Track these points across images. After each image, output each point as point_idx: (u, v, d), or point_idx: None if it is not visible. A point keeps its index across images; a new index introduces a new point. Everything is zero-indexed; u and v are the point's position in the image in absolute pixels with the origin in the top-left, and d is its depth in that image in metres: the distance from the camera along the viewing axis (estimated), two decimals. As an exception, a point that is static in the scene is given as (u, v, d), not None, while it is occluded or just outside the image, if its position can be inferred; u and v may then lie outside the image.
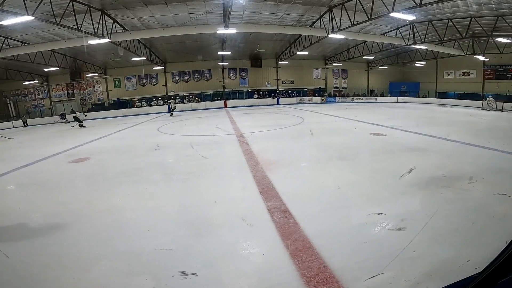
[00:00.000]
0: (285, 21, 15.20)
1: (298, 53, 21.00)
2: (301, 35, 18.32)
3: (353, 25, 12.72)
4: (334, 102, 26.52)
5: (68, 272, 2.27)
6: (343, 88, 29.33)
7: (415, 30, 15.73)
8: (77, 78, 24.07)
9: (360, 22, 12.55)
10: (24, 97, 25.01)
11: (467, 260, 2.08)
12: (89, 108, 24.23)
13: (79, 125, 15.77)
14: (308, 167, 5.27)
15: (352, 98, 27.19)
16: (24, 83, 23.26)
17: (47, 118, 22.02)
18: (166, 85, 25.79)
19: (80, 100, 25.28)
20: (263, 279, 2.08)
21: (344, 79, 29.39)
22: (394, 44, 18.22)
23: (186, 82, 26.26)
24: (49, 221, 3.30)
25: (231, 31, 13.90)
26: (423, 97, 25.46)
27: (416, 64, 25.24)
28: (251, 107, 23.95)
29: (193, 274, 2.14)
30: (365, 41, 20.09)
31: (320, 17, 14.45)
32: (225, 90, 26.71)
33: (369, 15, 11.42)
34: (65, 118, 19.76)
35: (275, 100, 26.37)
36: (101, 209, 3.57)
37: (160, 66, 24.08)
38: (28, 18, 8.88)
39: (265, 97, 26.76)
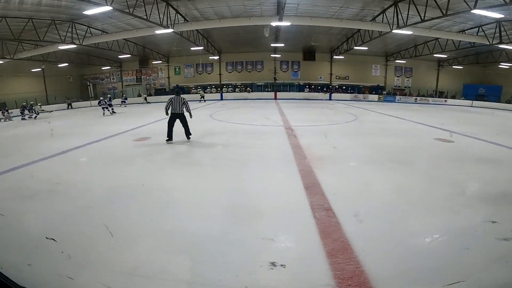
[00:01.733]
0: (343, 15, 14.37)
1: (355, 48, 19.74)
2: (360, 29, 17.10)
3: (423, 21, 11.39)
4: (394, 101, 24.38)
5: (116, 245, 2.41)
6: (405, 87, 26.70)
7: (502, 28, 13.36)
8: (145, 65, 26.74)
9: (433, 18, 11.18)
10: (102, 80, 28.70)
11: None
12: (151, 93, 26.91)
13: (147, 102, 23.32)
14: (358, 167, 4.98)
15: (416, 99, 24.58)
16: (102, 68, 26.69)
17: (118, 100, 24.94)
18: (220, 74, 26.87)
19: (146, 85, 28.00)
20: (294, 274, 2.06)
21: (408, 77, 26.71)
22: (474, 42, 15.81)
23: (239, 72, 26.95)
24: (110, 194, 3.64)
25: (285, 23, 13.72)
26: (506, 102, 21.70)
27: (500, 66, 21.52)
28: (301, 101, 23.49)
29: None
30: (437, 38, 17.76)
31: (383, 12, 13.26)
32: (276, 81, 26.66)
33: (444, 11, 10.07)
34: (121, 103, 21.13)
35: (327, 95, 25.38)
36: (155, 187, 3.86)
37: (216, 56, 25.11)
38: (107, 8, 10.00)
39: (317, 92, 25.93)
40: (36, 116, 15.52)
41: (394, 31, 13.33)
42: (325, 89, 26.14)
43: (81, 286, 1.93)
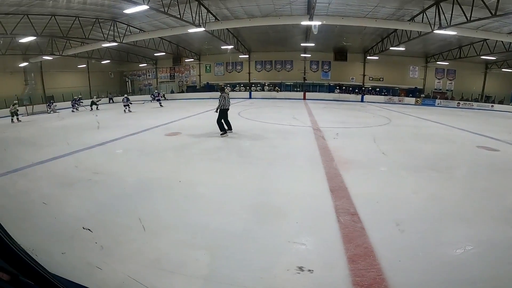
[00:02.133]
0: (378, 14, 13.70)
1: (391, 48, 18.72)
2: (396, 29, 16.20)
3: (469, 21, 10.55)
4: (433, 105, 22.79)
5: (141, 236, 2.51)
6: (447, 90, 24.80)
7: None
8: (178, 63, 27.75)
9: (480, 19, 10.31)
10: (139, 77, 30.38)
11: None
12: (183, 90, 27.93)
13: (164, 99, 23.39)
14: (389, 172, 4.71)
15: (458, 103, 22.71)
16: (139, 65, 28.22)
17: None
18: (249, 73, 27.04)
19: (178, 82, 29.10)
20: (312, 278, 2.01)
21: (451, 80, 24.72)
22: (527, 44, 14.32)
23: (268, 71, 26.92)
24: (140, 185, 3.81)
25: (316, 23, 13.39)
26: None
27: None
28: (331, 102, 22.86)
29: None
30: (485, 40, 16.29)
31: (423, 11, 12.42)
32: (306, 82, 26.23)
33: (492, 11, 9.22)
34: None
35: (359, 96, 24.44)
36: (181, 181, 3.98)
37: (245, 54, 25.29)
38: (144, 7, 10.48)
39: (348, 93, 25.07)
40: (97, 107, 17.59)
41: (435, 31, 12.44)
42: (356, 90, 25.18)
43: (107, 275, 2.02)
